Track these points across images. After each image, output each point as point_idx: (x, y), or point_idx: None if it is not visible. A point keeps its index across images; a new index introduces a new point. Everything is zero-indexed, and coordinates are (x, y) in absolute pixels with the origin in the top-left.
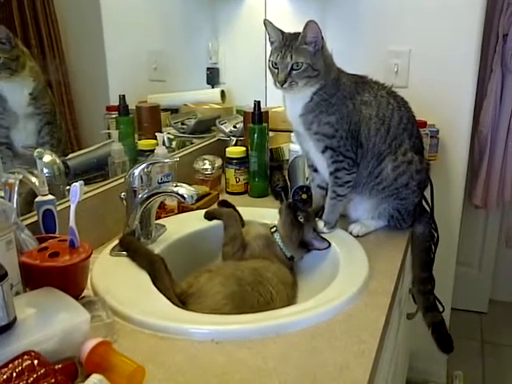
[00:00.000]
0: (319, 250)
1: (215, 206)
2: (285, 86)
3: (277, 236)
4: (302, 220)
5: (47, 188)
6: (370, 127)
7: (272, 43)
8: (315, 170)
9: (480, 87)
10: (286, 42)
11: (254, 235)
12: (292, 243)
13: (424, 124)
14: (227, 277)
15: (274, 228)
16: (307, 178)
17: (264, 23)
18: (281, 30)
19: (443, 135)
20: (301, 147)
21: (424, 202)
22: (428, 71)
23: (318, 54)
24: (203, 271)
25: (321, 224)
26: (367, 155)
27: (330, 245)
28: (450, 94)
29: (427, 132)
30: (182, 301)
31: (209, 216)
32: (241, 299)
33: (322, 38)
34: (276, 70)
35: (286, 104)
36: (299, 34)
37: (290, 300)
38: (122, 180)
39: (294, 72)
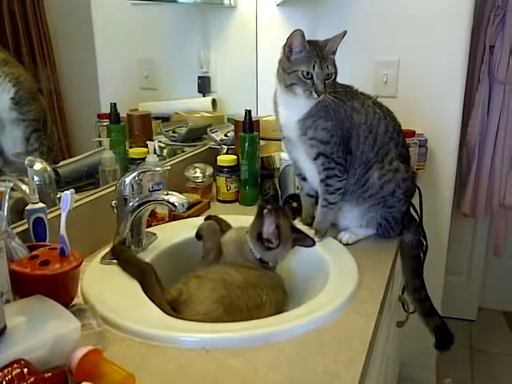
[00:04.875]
0: (271, 248)
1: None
2: (322, 96)
3: (249, 237)
4: (265, 212)
5: (38, 196)
6: (359, 134)
7: (298, 52)
8: (304, 179)
9: (468, 97)
10: (317, 52)
11: (226, 241)
12: (252, 238)
13: (413, 133)
14: (216, 281)
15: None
16: (298, 187)
17: (293, 34)
18: (308, 40)
19: (432, 144)
20: (289, 155)
21: (413, 211)
22: (417, 81)
23: (335, 63)
24: (192, 277)
25: (311, 233)
26: (355, 163)
27: (280, 243)
28: (438, 103)
29: (416, 141)
30: (173, 308)
31: (197, 236)
32: (230, 303)
33: None
34: (309, 81)
35: (282, 109)
36: (321, 42)
37: (280, 306)
38: (113, 188)
39: (327, 81)
